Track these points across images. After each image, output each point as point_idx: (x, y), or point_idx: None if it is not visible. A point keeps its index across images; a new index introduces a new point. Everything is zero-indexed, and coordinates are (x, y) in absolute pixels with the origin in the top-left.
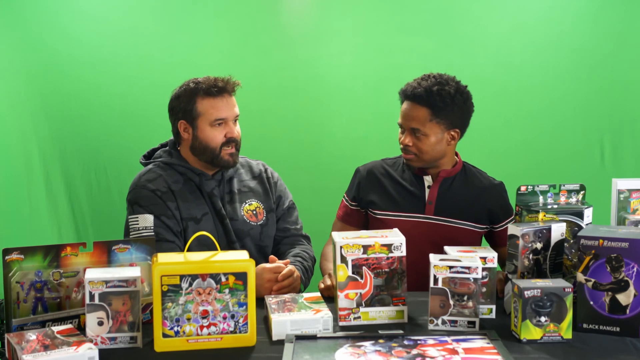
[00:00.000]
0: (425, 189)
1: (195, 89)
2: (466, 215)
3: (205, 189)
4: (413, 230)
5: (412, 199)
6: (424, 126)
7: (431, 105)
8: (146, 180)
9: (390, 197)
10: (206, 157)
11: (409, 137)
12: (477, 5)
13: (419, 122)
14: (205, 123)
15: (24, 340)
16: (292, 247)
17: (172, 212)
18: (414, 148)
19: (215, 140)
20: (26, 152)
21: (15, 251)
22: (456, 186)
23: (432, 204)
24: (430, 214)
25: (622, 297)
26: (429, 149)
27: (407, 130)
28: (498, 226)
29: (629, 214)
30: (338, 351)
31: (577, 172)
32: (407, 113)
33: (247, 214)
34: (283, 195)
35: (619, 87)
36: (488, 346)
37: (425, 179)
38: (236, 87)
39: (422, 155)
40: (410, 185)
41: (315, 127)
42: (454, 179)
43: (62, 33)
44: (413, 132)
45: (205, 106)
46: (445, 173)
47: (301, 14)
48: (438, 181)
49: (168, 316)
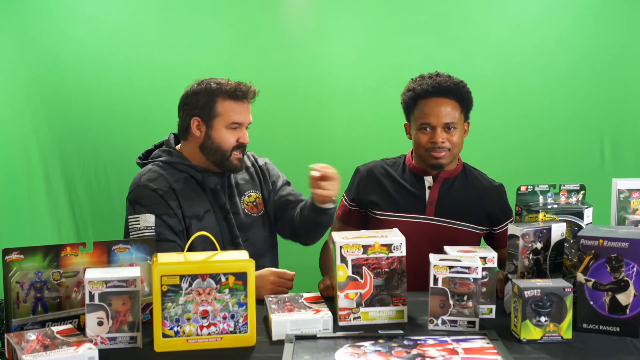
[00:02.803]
0: (426, 189)
1: (218, 90)
2: (466, 216)
3: (208, 185)
4: (413, 230)
5: (412, 199)
6: (456, 119)
7: (459, 98)
8: (147, 179)
9: (391, 197)
10: (216, 158)
11: (443, 134)
12: (477, 5)
13: (452, 117)
14: (222, 124)
15: (23, 340)
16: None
17: (173, 211)
18: (448, 143)
19: (228, 143)
20: (26, 152)
21: (15, 251)
22: (457, 187)
23: (433, 204)
24: (431, 214)
25: (622, 297)
26: (459, 142)
27: (439, 127)
28: (497, 228)
29: (629, 213)
30: (338, 351)
31: (577, 172)
32: (439, 109)
33: (248, 207)
34: (276, 177)
35: (619, 87)
36: (488, 346)
37: (426, 179)
38: (256, 95)
39: (454, 150)
40: (410, 186)
41: (315, 127)
42: (455, 180)
43: (63, 34)
44: (446, 128)
45: (226, 108)
46: (446, 174)
47: (301, 14)
48: (439, 182)
49: (168, 316)
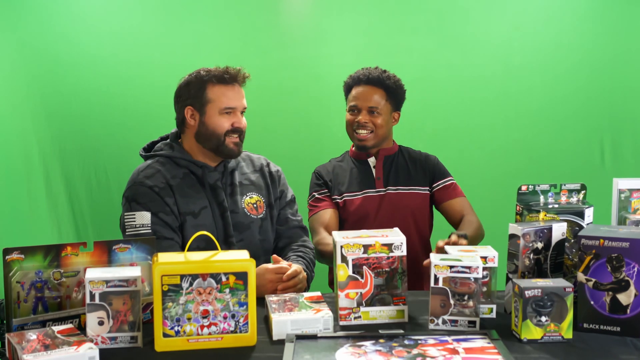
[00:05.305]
0: (372, 168)
1: (207, 76)
2: (410, 181)
3: (208, 180)
4: (370, 204)
5: (362, 179)
6: (380, 105)
7: (386, 88)
8: (144, 176)
9: (346, 183)
10: (211, 144)
11: (367, 116)
12: (477, 5)
13: (376, 102)
14: (215, 110)
15: (24, 340)
16: (291, 240)
17: (170, 207)
18: (371, 124)
19: (221, 127)
20: (26, 152)
21: (16, 251)
22: (397, 161)
23: (381, 179)
24: (380, 187)
25: (622, 297)
26: (383, 124)
27: (364, 109)
28: (436, 185)
29: (629, 213)
30: (338, 351)
31: (578, 172)
32: (365, 94)
33: (248, 207)
34: (286, 188)
35: (619, 87)
36: (489, 346)
37: (369, 160)
38: (246, 79)
39: (377, 131)
40: (358, 170)
41: (315, 127)
42: (394, 156)
43: (62, 33)
44: (370, 111)
45: (216, 93)
46: (385, 152)
47: (301, 14)
48: (380, 159)
49: (168, 316)
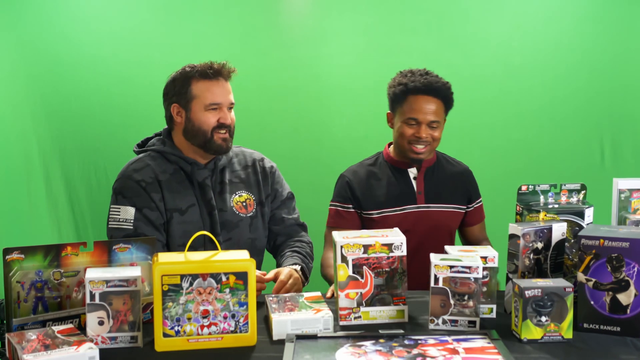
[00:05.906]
0: (412, 180)
1: (191, 72)
2: (451, 198)
3: (197, 178)
4: (409, 221)
5: (402, 192)
6: (440, 118)
7: (445, 99)
8: (133, 170)
9: (382, 195)
10: (198, 140)
11: (428, 130)
12: (477, 5)
13: (437, 115)
14: (200, 106)
15: (24, 339)
16: (289, 238)
17: (155, 203)
18: (430, 138)
19: (207, 123)
20: (26, 152)
21: (16, 251)
22: (437, 174)
23: (422, 193)
24: (422, 203)
25: (622, 297)
26: (440, 136)
27: (424, 123)
28: (471, 206)
29: (629, 213)
30: (339, 351)
31: (578, 172)
32: (427, 106)
33: (237, 206)
34: (280, 186)
35: (619, 87)
36: (489, 346)
37: (410, 171)
38: (232, 73)
39: (434, 144)
40: (397, 180)
41: (316, 127)
42: (434, 168)
43: (62, 33)
44: (430, 124)
45: (201, 89)
46: (427, 163)
47: (301, 14)
48: (422, 172)
49: (168, 316)
